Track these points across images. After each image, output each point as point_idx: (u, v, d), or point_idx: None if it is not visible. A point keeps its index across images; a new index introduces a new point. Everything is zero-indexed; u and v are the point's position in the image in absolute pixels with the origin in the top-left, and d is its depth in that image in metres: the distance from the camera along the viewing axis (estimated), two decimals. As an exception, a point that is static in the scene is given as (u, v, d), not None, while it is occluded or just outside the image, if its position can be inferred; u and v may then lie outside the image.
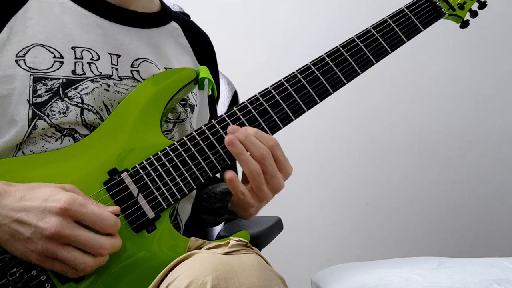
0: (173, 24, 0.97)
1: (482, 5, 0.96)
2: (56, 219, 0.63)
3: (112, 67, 0.82)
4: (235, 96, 1.23)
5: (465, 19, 0.96)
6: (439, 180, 1.94)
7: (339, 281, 1.15)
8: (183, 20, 1.02)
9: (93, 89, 0.78)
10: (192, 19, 1.10)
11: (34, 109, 0.74)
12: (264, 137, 0.75)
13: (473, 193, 1.93)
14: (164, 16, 0.96)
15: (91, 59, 0.81)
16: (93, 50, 0.81)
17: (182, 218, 0.90)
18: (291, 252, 1.89)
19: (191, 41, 0.98)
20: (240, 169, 0.78)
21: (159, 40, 0.91)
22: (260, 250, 0.97)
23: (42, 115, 0.75)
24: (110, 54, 0.83)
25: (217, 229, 1.13)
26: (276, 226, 1.07)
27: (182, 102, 0.90)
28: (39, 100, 0.75)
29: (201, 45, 1.01)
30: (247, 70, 1.82)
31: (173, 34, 0.96)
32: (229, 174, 0.73)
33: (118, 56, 0.84)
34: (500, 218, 1.93)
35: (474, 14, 0.96)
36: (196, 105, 0.94)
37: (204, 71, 0.85)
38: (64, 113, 0.76)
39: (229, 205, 0.88)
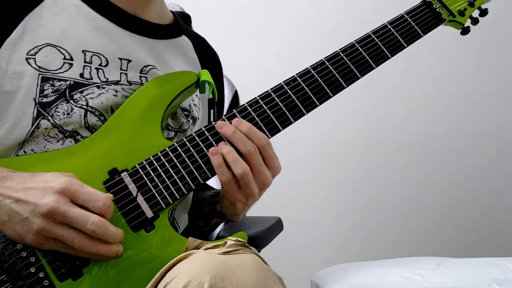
0: (184, 38, 0.98)
1: (483, 13, 0.95)
2: (54, 197, 0.64)
3: (121, 73, 0.83)
4: (235, 96, 1.24)
5: (465, 25, 0.95)
6: (439, 180, 1.94)
7: (339, 281, 1.15)
8: (195, 35, 1.03)
9: (99, 95, 0.79)
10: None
11: (39, 108, 0.75)
12: (256, 135, 0.77)
13: (473, 193, 1.93)
14: (175, 29, 0.97)
15: (100, 65, 0.81)
16: (102, 55, 0.82)
17: (180, 225, 0.91)
18: (291, 252, 1.90)
19: (200, 57, 0.99)
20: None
21: (166, 52, 0.92)
22: (260, 250, 0.98)
23: (47, 115, 0.75)
24: (120, 59, 0.84)
25: (216, 229, 1.13)
26: (276, 226, 1.08)
27: (185, 113, 0.91)
28: (45, 100, 0.76)
29: (210, 62, 1.02)
30: (248, 73, 1.83)
31: (181, 47, 0.97)
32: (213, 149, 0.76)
33: (129, 61, 0.84)
34: (500, 218, 1.92)
35: (475, 21, 0.95)
36: (198, 119, 0.95)
37: (205, 75, 0.86)
38: (68, 114, 0.76)
39: (217, 206, 0.89)
